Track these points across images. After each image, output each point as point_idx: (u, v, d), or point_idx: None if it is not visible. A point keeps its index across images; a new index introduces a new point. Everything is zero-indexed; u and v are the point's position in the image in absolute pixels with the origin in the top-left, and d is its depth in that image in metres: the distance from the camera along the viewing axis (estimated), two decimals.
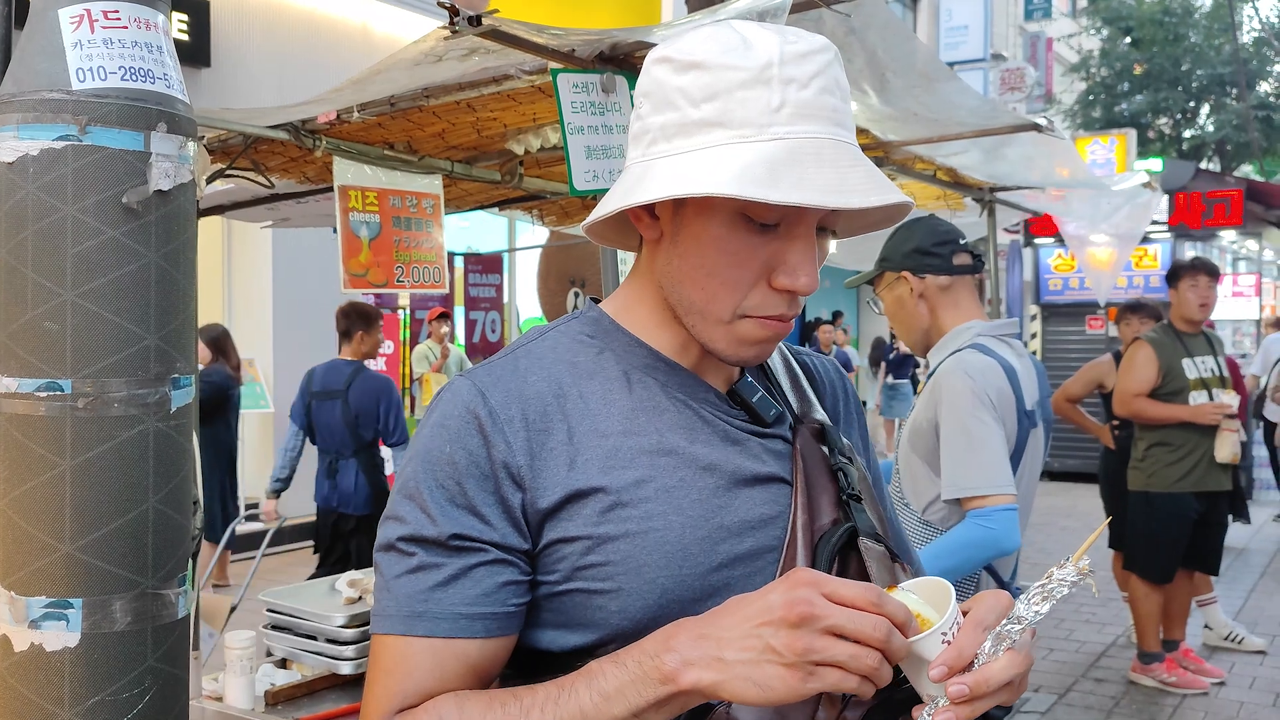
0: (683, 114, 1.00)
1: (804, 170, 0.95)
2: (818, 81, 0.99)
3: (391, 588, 1.01)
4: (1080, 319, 11.78)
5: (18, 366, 1.25)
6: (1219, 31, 20.74)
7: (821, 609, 0.85)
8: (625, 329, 1.12)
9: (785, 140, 0.97)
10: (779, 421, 1.14)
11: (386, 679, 1.00)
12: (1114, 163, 14.17)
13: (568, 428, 1.04)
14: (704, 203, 1.02)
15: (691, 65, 1.00)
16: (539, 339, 1.12)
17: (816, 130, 0.98)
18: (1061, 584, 0.93)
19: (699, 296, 1.04)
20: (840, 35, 3.10)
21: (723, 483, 1.06)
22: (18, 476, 1.25)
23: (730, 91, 0.98)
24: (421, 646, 0.99)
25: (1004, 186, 5.31)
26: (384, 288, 3.91)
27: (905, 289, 2.60)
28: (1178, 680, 5.25)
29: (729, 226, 1.01)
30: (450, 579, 0.99)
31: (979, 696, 0.90)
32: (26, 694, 1.24)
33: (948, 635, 0.92)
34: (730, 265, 1.02)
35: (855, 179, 0.97)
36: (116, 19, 1.28)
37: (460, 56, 2.86)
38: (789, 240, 1.01)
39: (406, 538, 1.01)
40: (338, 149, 3.74)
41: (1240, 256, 21.81)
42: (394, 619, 1.00)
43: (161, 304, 1.30)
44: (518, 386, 1.05)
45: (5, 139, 1.25)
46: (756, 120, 0.97)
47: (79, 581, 1.24)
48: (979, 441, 2.32)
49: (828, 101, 1.00)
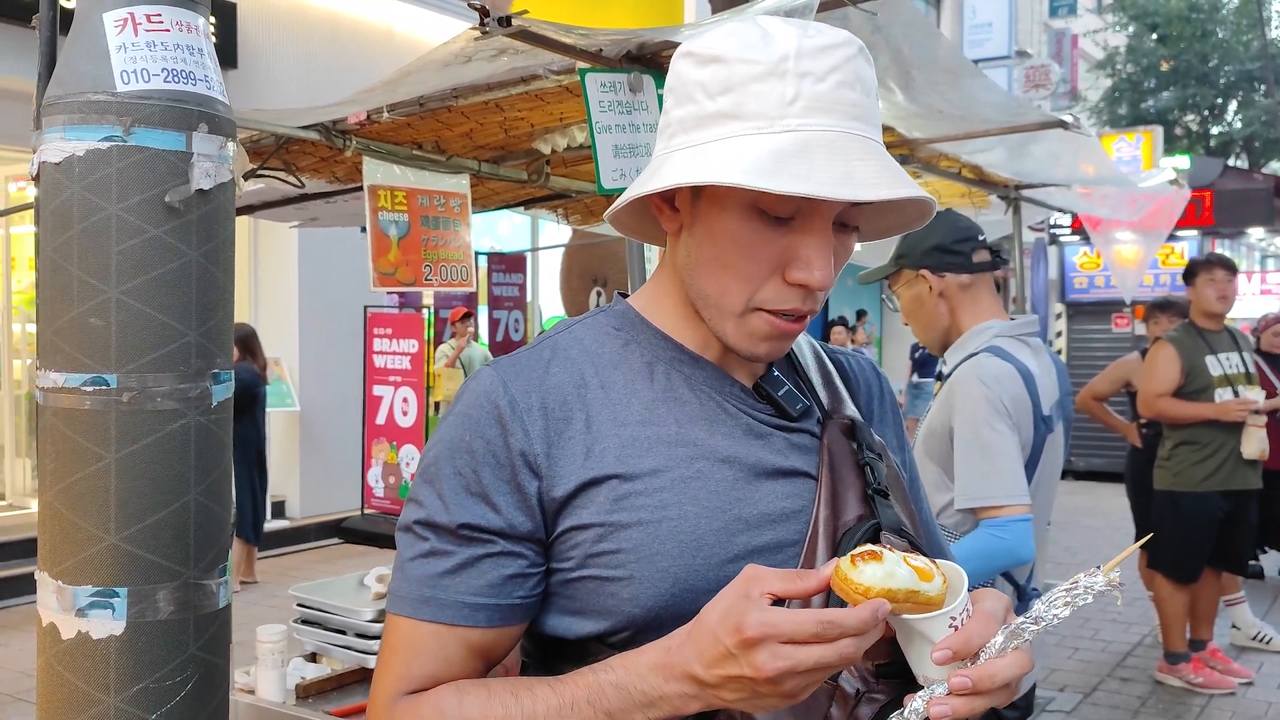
0: (700, 107, 1.02)
1: (812, 162, 0.95)
2: (835, 75, 0.99)
3: (405, 569, 1.05)
4: (1106, 317, 11.71)
5: (64, 362, 1.28)
6: (1247, 27, 20.54)
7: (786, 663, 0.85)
8: (651, 323, 1.13)
9: (797, 133, 0.97)
10: (806, 416, 1.14)
11: (394, 658, 1.04)
12: (1140, 160, 14.04)
13: (586, 416, 1.05)
14: (718, 194, 1.02)
15: (711, 59, 1.01)
16: (565, 331, 1.13)
17: (831, 123, 0.98)
18: (1088, 592, 0.91)
19: (713, 288, 1.05)
20: (866, 33, 3.10)
21: (742, 475, 1.06)
22: (64, 469, 1.28)
23: (745, 84, 0.99)
24: (428, 630, 1.02)
25: (1029, 184, 5.29)
26: (412, 286, 3.95)
27: (924, 287, 2.55)
28: (1204, 680, 5.22)
29: (742, 218, 1.01)
30: (458, 568, 1.02)
31: (980, 692, 0.88)
32: (73, 680, 1.27)
33: (956, 621, 0.90)
34: (743, 257, 1.02)
35: (865, 172, 0.96)
36: (159, 22, 1.31)
37: (489, 57, 2.89)
38: (804, 234, 1.01)
39: (422, 521, 1.04)
40: (367, 149, 3.77)
41: (1269, 254, 21.59)
42: (405, 600, 1.04)
43: (202, 301, 1.33)
44: (540, 377, 1.07)
45: (52, 140, 1.28)
46: (769, 112, 0.98)
47: (124, 571, 1.27)
48: (993, 450, 2.30)
49: (845, 95, 0.99)
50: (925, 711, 0.89)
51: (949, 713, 0.88)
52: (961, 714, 0.89)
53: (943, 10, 19.58)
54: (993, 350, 2.41)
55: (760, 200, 0.99)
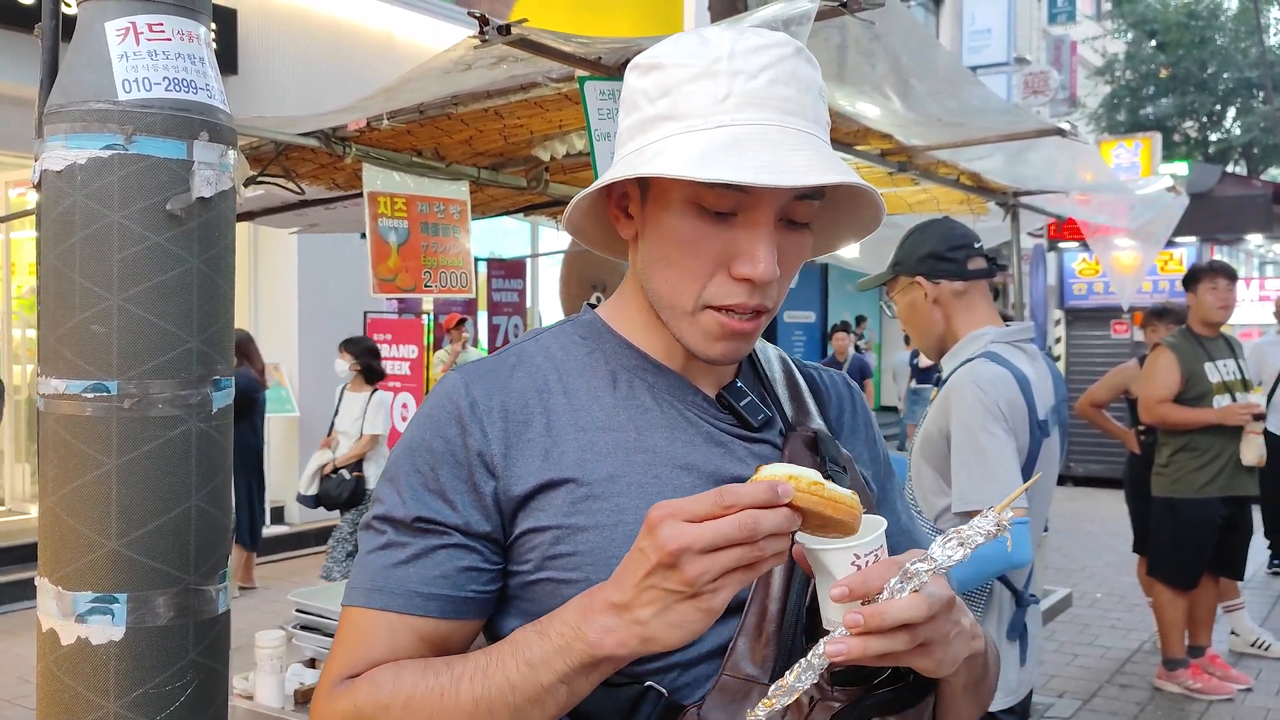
0: (643, 113, 1.04)
1: (741, 153, 0.96)
2: (768, 73, 1.00)
3: (363, 563, 1.06)
4: (1105, 323, 11.72)
5: (65, 368, 1.29)
6: (1245, 34, 20.58)
7: (686, 537, 0.84)
8: (617, 332, 1.14)
9: (730, 127, 0.98)
10: (768, 427, 1.14)
11: (343, 648, 1.05)
12: (1139, 166, 14.08)
13: (547, 420, 1.07)
14: (662, 195, 1.04)
15: (651, 67, 1.05)
16: (533, 339, 1.15)
17: (765, 118, 0.99)
18: (978, 532, 0.91)
19: (664, 289, 1.06)
20: (864, 42, 3.12)
21: (701, 482, 1.07)
22: (65, 475, 1.29)
23: (680, 85, 1.01)
24: (379, 619, 1.03)
25: (1027, 190, 5.30)
26: (412, 292, 3.96)
27: (919, 294, 2.57)
28: (1203, 686, 5.22)
29: (684, 215, 1.02)
30: (412, 558, 1.03)
31: (872, 630, 0.87)
32: (73, 686, 1.28)
33: (860, 560, 0.91)
34: (686, 254, 1.03)
35: (796, 160, 0.97)
36: (161, 31, 1.32)
37: (489, 65, 2.90)
38: (746, 229, 1.01)
39: (380, 516, 1.06)
40: (367, 155, 3.79)
41: (1267, 260, 21.62)
42: (358, 591, 1.05)
43: (203, 308, 1.34)
44: (503, 381, 1.08)
45: (54, 148, 1.29)
46: (703, 110, 1.00)
47: (124, 577, 1.28)
48: (990, 454, 2.31)
49: (779, 91, 1.00)
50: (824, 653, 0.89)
51: (844, 651, 0.88)
52: (855, 654, 0.88)
53: (942, 16, 19.62)
54: (988, 356, 2.43)
55: (700, 197, 1.00)
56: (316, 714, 1.05)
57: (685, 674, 1.03)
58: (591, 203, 1.12)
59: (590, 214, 1.15)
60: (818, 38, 2.85)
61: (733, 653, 1.01)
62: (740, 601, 1.02)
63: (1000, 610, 2.42)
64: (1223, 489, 5.08)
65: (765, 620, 1.02)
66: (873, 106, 3.69)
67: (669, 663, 1.02)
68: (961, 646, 0.95)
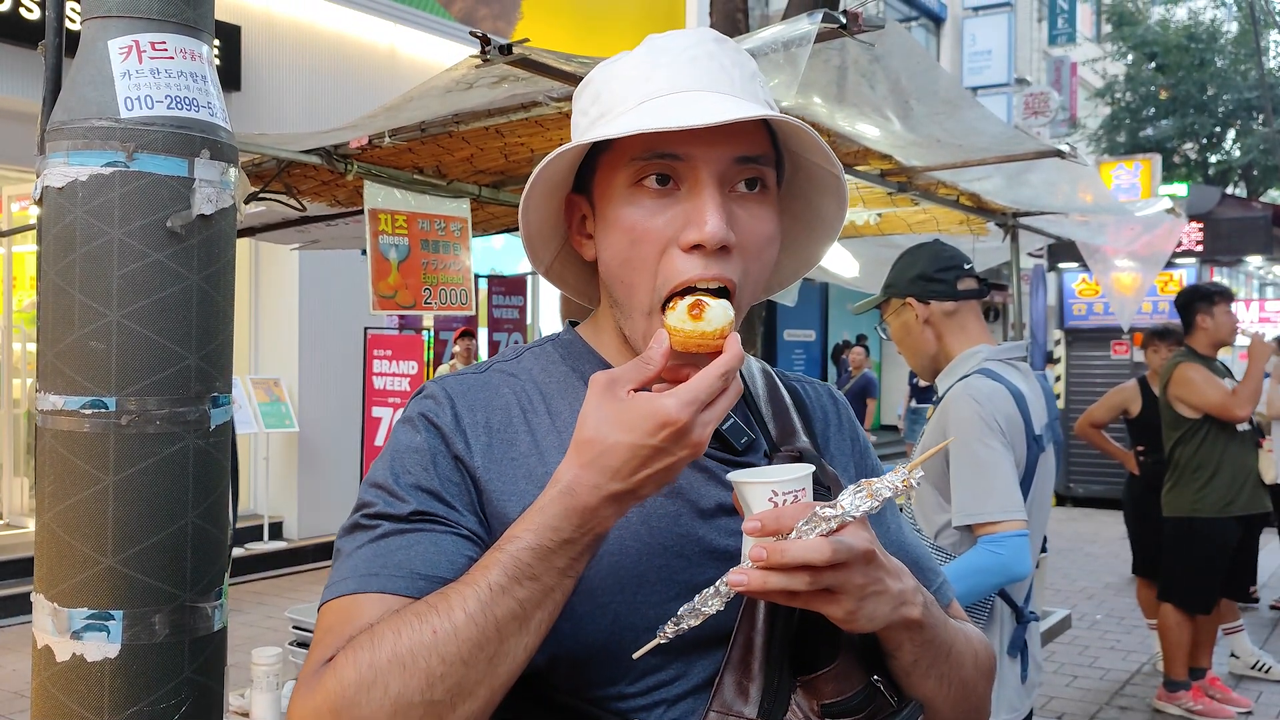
0: (582, 124, 1.08)
1: (661, 112, 0.97)
2: (689, 52, 1.02)
3: (354, 557, 0.98)
4: (1105, 344, 11.71)
5: (64, 384, 1.29)
6: (1245, 57, 20.65)
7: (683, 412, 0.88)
8: (596, 351, 1.13)
9: (652, 100, 1.01)
10: (751, 449, 1.13)
11: (328, 636, 0.94)
12: (1138, 188, 14.11)
13: (533, 440, 1.06)
14: (605, 193, 1.04)
15: (586, 84, 1.09)
16: (515, 358, 1.14)
17: (689, 87, 1.01)
18: (886, 486, 0.93)
19: (621, 290, 1.05)
20: (864, 64, 3.13)
21: (686, 511, 1.05)
22: (62, 491, 1.29)
23: (606, 84, 1.05)
24: (372, 602, 0.94)
25: (1027, 211, 5.32)
26: (412, 309, 3.96)
27: (911, 315, 2.60)
28: (1204, 709, 5.20)
29: (626, 202, 1.01)
30: (412, 545, 0.97)
31: (772, 566, 0.88)
32: (68, 703, 1.28)
33: (778, 499, 0.93)
34: (633, 242, 1.01)
35: (717, 108, 0.97)
36: (163, 50, 1.33)
37: (490, 84, 2.92)
38: (689, 198, 1.00)
39: (372, 514, 1.00)
40: (369, 173, 3.80)
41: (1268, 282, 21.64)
42: (348, 580, 0.96)
43: (202, 325, 1.34)
44: (485, 396, 1.07)
45: (55, 165, 1.30)
46: (626, 96, 1.02)
47: (120, 594, 1.28)
48: (988, 468, 2.33)
49: (701, 66, 1.02)
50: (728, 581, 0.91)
51: (744, 582, 0.89)
52: (755, 586, 0.89)
53: (942, 38, 19.71)
54: (984, 372, 2.46)
55: (639, 174, 1.00)
56: (292, 713, 0.93)
57: (672, 710, 1.02)
58: (560, 243, 1.14)
59: (561, 256, 1.16)
60: (818, 59, 2.86)
61: (720, 688, 0.99)
62: (725, 634, 1.01)
63: (1001, 627, 2.42)
64: (1244, 508, 5.06)
65: (751, 654, 1.00)
66: (872, 127, 3.70)
67: (655, 699, 1.01)
68: (882, 605, 0.93)
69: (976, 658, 1.11)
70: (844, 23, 2.49)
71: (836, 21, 2.49)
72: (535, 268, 1.15)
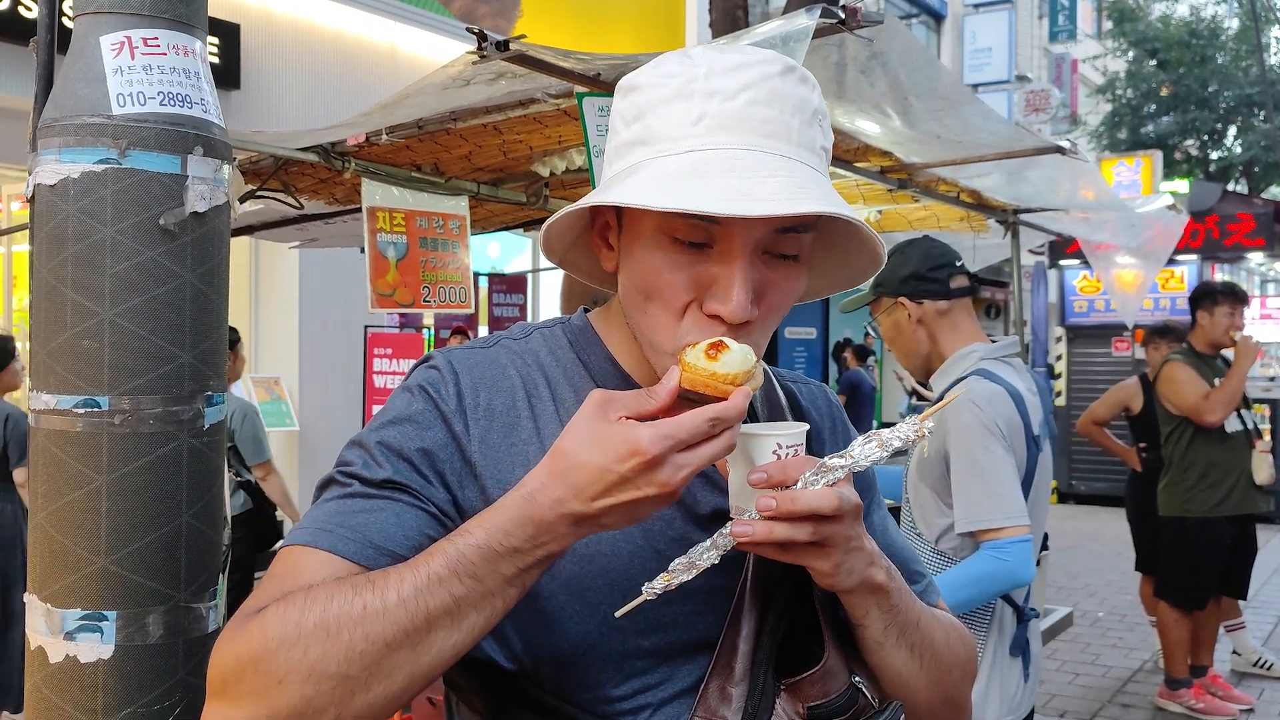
0: (620, 136, 1.01)
1: (706, 180, 0.90)
2: (747, 94, 0.94)
3: (320, 509, 0.97)
4: (1106, 341, 11.70)
5: (56, 383, 1.28)
6: (1246, 53, 20.62)
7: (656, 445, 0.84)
8: (606, 345, 1.11)
9: (698, 152, 0.93)
10: None
11: (271, 582, 0.93)
12: (1139, 184, 14.09)
13: (535, 426, 1.04)
14: (635, 225, 1.00)
15: (630, 89, 1.00)
16: (524, 337, 1.12)
17: (737, 141, 0.94)
18: (896, 436, 0.93)
19: (644, 324, 1.01)
20: (863, 60, 3.12)
21: (679, 514, 1.04)
22: (55, 491, 1.28)
23: (654, 108, 0.97)
24: (321, 559, 0.92)
25: (1028, 208, 5.30)
26: (411, 307, 3.95)
27: (902, 314, 2.56)
28: (1205, 706, 5.19)
29: (655, 246, 0.97)
30: (375, 510, 0.95)
31: (781, 515, 0.88)
32: (61, 705, 1.27)
33: (782, 451, 0.92)
34: (661, 286, 0.97)
35: (764, 189, 0.90)
36: (156, 46, 1.32)
37: (488, 80, 2.90)
38: (721, 263, 0.95)
39: (348, 473, 0.99)
40: (366, 170, 3.79)
41: (1269, 279, 21.62)
42: (306, 530, 0.95)
43: (196, 323, 1.33)
44: (492, 375, 1.05)
45: (47, 162, 1.29)
46: (673, 134, 0.95)
47: (114, 594, 1.27)
48: (990, 473, 2.31)
49: (758, 113, 0.94)
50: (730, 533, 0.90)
51: (749, 533, 0.88)
52: (760, 536, 0.88)
53: (943, 35, 19.68)
54: (981, 373, 2.43)
55: (671, 227, 0.95)
56: (215, 651, 0.92)
57: (657, 714, 1.01)
58: (577, 235, 1.09)
59: (577, 246, 1.12)
60: (816, 55, 2.85)
61: (705, 694, 0.99)
62: (712, 641, 1.00)
63: (1002, 627, 2.41)
64: (1234, 508, 5.07)
65: (736, 660, 0.99)
66: (872, 124, 3.69)
67: (640, 704, 1.00)
68: (859, 561, 0.94)
69: (947, 635, 1.11)
70: (842, 18, 2.47)
71: (835, 17, 2.47)
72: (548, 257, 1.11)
